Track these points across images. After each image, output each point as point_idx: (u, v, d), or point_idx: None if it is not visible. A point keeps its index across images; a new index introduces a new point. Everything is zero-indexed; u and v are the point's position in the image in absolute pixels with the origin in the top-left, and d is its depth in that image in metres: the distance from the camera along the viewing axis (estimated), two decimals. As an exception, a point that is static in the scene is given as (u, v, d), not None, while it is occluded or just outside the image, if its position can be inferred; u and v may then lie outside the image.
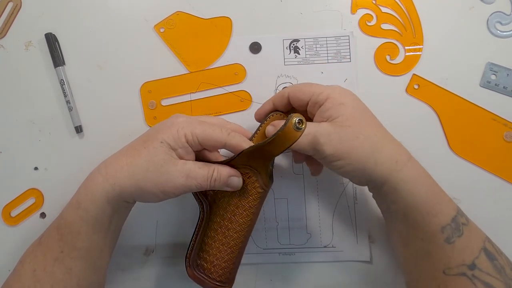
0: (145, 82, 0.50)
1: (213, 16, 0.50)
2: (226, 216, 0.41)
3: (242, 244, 0.41)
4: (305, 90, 0.41)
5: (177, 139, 0.38)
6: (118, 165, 0.39)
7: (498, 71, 0.48)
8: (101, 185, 0.38)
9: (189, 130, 0.38)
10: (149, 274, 0.49)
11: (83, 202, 0.39)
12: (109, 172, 0.39)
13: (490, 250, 0.38)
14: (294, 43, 0.49)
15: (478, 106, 0.48)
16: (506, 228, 0.47)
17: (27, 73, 0.50)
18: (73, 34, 0.50)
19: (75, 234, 0.39)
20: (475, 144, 0.47)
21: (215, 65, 0.50)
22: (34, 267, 0.39)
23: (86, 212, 0.38)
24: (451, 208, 0.39)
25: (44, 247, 0.40)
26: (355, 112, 0.39)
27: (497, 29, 0.48)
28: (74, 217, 0.39)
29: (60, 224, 0.40)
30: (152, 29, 0.50)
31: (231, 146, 0.39)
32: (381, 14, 0.49)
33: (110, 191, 0.38)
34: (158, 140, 0.38)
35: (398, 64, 0.49)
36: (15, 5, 0.50)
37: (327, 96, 0.39)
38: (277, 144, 0.37)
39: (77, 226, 0.39)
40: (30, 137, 0.50)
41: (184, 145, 0.38)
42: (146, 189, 0.38)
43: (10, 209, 0.49)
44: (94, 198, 0.38)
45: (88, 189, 0.39)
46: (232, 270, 0.41)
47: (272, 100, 0.43)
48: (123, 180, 0.38)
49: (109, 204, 0.39)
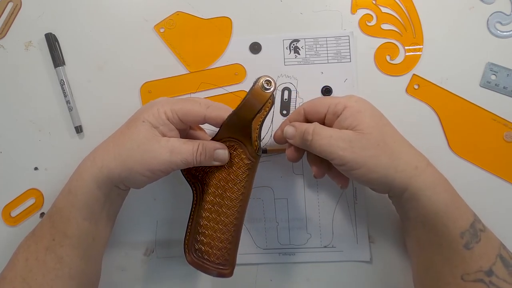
0: (145, 82, 0.50)
1: (213, 16, 0.50)
2: (217, 192, 0.41)
3: (236, 221, 0.41)
4: (321, 102, 0.41)
5: (157, 117, 0.39)
6: (105, 149, 0.40)
7: (498, 71, 0.48)
8: (90, 169, 0.39)
9: (168, 107, 0.39)
10: (149, 274, 0.49)
11: (73, 188, 0.39)
12: (96, 156, 0.40)
13: (505, 257, 0.38)
14: (294, 43, 0.49)
15: (478, 106, 0.48)
16: (506, 228, 0.47)
17: (27, 73, 0.50)
18: (73, 34, 0.50)
19: (65, 220, 0.39)
20: (475, 144, 0.47)
21: (215, 65, 0.50)
22: (26, 256, 0.40)
23: (76, 197, 0.39)
24: (469, 213, 0.39)
25: (37, 236, 0.40)
26: (374, 120, 0.39)
27: (497, 29, 0.48)
28: (64, 203, 0.39)
29: (52, 212, 0.40)
30: (152, 29, 0.50)
31: (211, 118, 0.39)
32: (381, 14, 0.49)
33: (98, 175, 0.39)
34: (140, 120, 0.39)
35: (398, 64, 0.49)
36: (15, 5, 0.50)
37: (345, 105, 0.39)
38: (249, 108, 0.39)
39: (67, 212, 0.39)
40: (30, 137, 0.50)
41: (165, 122, 0.39)
42: (133, 169, 0.38)
43: (10, 209, 0.49)
44: (83, 183, 0.39)
45: (77, 175, 0.40)
46: (230, 251, 0.41)
47: (289, 119, 0.44)
48: (110, 162, 0.39)
49: (99, 190, 0.39)
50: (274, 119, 0.49)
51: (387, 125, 0.40)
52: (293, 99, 0.49)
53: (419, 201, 0.38)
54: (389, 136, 0.39)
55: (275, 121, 0.49)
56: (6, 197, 0.49)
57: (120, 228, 0.48)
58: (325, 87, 0.49)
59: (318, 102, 0.41)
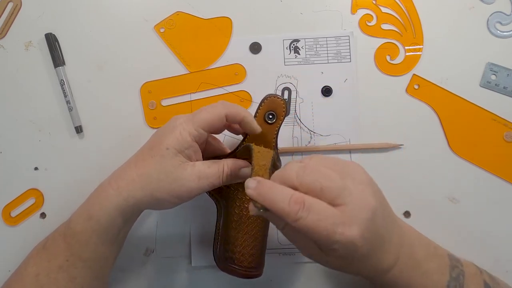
0: (145, 82, 0.50)
1: (213, 16, 0.50)
2: (243, 206, 0.41)
3: (265, 229, 0.42)
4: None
5: (181, 141, 0.38)
6: (129, 177, 0.39)
7: (498, 71, 0.48)
8: (114, 198, 0.38)
9: (191, 126, 0.38)
10: (149, 274, 0.49)
11: (95, 215, 0.38)
12: (120, 185, 0.38)
13: (488, 284, 0.39)
14: (294, 43, 0.49)
15: (478, 106, 0.48)
16: (506, 228, 0.47)
17: (27, 73, 0.50)
18: (73, 34, 0.50)
19: (83, 244, 0.38)
20: (475, 144, 0.47)
21: (215, 65, 0.50)
22: (37, 271, 0.39)
23: (98, 224, 0.38)
24: (444, 266, 0.38)
25: (49, 253, 0.40)
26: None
27: (497, 29, 0.48)
28: (83, 228, 0.39)
29: (67, 233, 0.39)
30: (152, 29, 0.50)
31: (231, 115, 0.39)
32: (381, 14, 0.49)
33: (123, 204, 0.38)
34: (164, 146, 0.38)
35: (398, 64, 0.49)
36: (15, 5, 0.50)
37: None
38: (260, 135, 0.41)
39: (86, 236, 0.38)
40: (30, 137, 0.49)
41: (190, 144, 0.38)
42: (161, 198, 0.38)
43: (10, 209, 0.49)
44: (106, 212, 0.38)
45: (100, 202, 0.39)
46: (260, 255, 0.43)
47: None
48: (137, 193, 0.38)
49: (122, 216, 0.39)
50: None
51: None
52: (293, 99, 0.49)
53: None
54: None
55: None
56: (6, 197, 0.49)
57: (120, 228, 0.48)
58: (325, 87, 0.49)
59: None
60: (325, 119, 0.49)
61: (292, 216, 0.31)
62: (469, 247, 0.47)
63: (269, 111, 0.41)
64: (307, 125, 0.49)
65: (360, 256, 0.33)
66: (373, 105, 0.49)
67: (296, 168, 0.33)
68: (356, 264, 0.35)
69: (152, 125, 0.49)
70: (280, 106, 0.41)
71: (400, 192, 0.48)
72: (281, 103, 0.41)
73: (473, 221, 0.47)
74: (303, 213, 0.31)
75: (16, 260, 0.45)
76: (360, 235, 0.32)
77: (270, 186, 0.32)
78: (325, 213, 0.31)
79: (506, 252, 0.47)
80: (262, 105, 0.42)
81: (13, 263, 0.46)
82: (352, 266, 0.35)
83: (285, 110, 0.41)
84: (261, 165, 0.36)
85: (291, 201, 0.31)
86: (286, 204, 0.31)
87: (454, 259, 0.40)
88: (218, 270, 0.47)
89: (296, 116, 0.49)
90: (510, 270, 0.46)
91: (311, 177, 0.33)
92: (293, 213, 0.31)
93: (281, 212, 0.31)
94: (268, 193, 0.32)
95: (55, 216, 0.49)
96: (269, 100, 0.41)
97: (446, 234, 0.47)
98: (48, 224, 0.49)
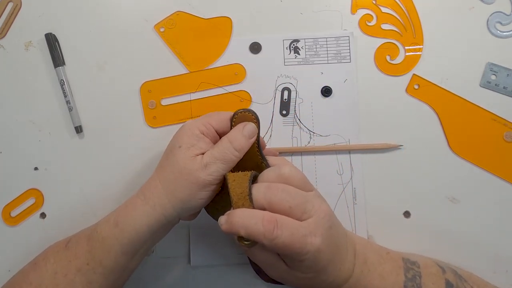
0: (145, 82, 0.50)
1: (213, 16, 0.50)
2: None
3: None
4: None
5: (190, 135, 0.39)
6: (152, 186, 0.39)
7: (498, 71, 0.48)
8: (141, 207, 0.38)
9: (200, 122, 0.39)
10: (149, 274, 0.49)
11: (121, 222, 0.38)
12: (146, 195, 0.39)
13: (449, 281, 0.40)
14: (294, 43, 0.49)
15: (478, 106, 0.48)
16: (506, 228, 0.47)
17: (27, 73, 0.50)
18: (73, 34, 0.50)
19: (105, 251, 0.38)
20: (475, 144, 0.47)
21: (215, 65, 0.50)
22: (56, 269, 0.39)
23: (122, 233, 0.38)
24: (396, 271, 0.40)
25: (71, 253, 0.40)
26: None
27: (497, 29, 0.48)
28: (109, 234, 0.39)
29: (93, 236, 0.39)
30: (152, 29, 0.50)
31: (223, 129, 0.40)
32: (381, 14, 0.49)
33: (151, 213, 0.38)
34: (176, 146, 0.39)
35: (398, 64, 0.49)
36: (15, 5, 0.50)
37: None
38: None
39: (109, 243, 0.38)
40: (30, 137, 0.50)
41: (200, 137, 0.39)
42: (184, 198, 0.38)
43: (10, 209, 0.49)
44: (133, 221, 0.38)
45: (127, 211, 0.39)
46: None
47: None
48: (161, 198, 0.38)
49: (148, 228, 0.38)
50: (274, 119, 0.49)
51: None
52: (293, 99, 0.49)
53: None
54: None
55: (274, 121, 0.49)
56: (6, 197, 0.49)
57: (120, 228, 0.48)
58: (325, 87, 0.49)
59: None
60: (324, 119, 0.49)
61: (268, 236, 0.32)
62: (469, 247, 0.47)
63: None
64: (306, 125, 0.49)
65: (323, 265, 0.35)
66: (373, 105, 0.49)
67: (262, 189, 0.35)
68: (319, 276, 0.36)
69: (152, 125, 0.49)
70: (251, 119, 0.40)
71: (400, 192, 0.48)
72: (251, 117, 0.40)
73: (473, 221, 0.47)
74: (278, 231, 0.32)
75: (16, 260, 0.46)
76: (323, 243, 0.34)
77: (240, 214, 0.33)
78: (296, 227, 0.33)
79: (506, 252, 0.47)
80: (233, 124, 0.40)
81: (13, 263, 0.46)
82: (316, 279, 0.36)
83: (257, 122, 0.40)
84: (239, 194, 0.35)
85: (264, 222, 0.32)
86: (260, 225, 0.32)
87: (409, 261, 0.41)
88: (217, 270, 0.47)
89: (295, 116, 0.49)
90: (510, 270, 0.46)
91: (278, 197, 0.34)
92: (268, 233, 0.32)
93: (256, 234, 0.32)
94: (239, 221, 0.33)
95: (55, 216, 0.49)
96: (239, 116, 0.40)
97: (446, 234, 0.47)
98: (48, 224, 0.49)
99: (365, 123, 0.48)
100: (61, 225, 0.49)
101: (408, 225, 0.47)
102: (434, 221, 0.47)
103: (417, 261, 0.41)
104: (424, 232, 0.47)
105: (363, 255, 0.40)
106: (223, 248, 0.48)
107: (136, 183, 0.49)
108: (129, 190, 0.49)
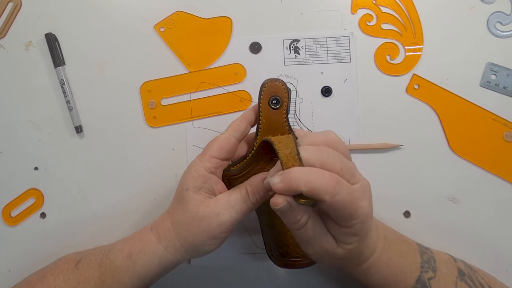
0: (145, 82, 0.50)
1: (213, 16, 0.50)
2: None
3: None
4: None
5: (197, 177, 0.38)
6: (165, 226, 0.39)
7: (498, 71, 0.48)
8: (155, 245, 0.39)
9: (203, 159, 0.38)
10: (149, 274, 0.49)
11: (135, 255, 0.39)
12: (160, 234, 0.39)
13: (462, 270, 0.40)
14: (294, 43, 0.49)
15: (478, 106, 0.48)
16: (506, 228, 0.47)
17: (27, 73, 0.50)
18: (73, 34, 0.50)
19: (115, 280, 0.39)
20: (475, 144, 0.47)
21: (215, 65, 0.50)
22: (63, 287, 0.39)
23: (134, 267, 0.38)
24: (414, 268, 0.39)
25: (81, 275, 0.40)
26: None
27: (497, 29, 0.48)
28: (121, 264, 0.39)
29: (105, 263, 0.40)
30: (152, 29, 0.50)
31: (238, 129, 0.39)
32: (381, 14, 0.49)
33: (163, 253, 0.38)
34: (184, 189, 0.38)
35: (398, 64, 0.49)
36: (15, 5, 0.50)
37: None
38: (267, 127, 0.40)
39: (120, 274, 0.39)
40: (30, 137, 0.50)
41: (207, 177, 0.38)
42: (195, 243, 0.38)
43: (10, 209, 0.49)
44: (145, 257, 0.38)
45: (142, 245, 0.39)
46: None
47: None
48: (173, 241, 0.38)
49: (159, 266, 0.39)
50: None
51: None
52: (293, 99, 0.49)
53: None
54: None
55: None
56: (6, 197, 0.49)
57: (120, 228, 0.48)
58: (325, 87, 0.49)
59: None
60: (325, 119, 0.49)
61: (331, 191, 0.30)
62: (469, 247, 0.47)
63: (272, 97, 0.40)
64: (306, 125, 0.49)
65: (366, 232, 0.34)
66: (373, 105, 0.49)
67: (312, 150, 0.32)
68: (359, 247, 0.35)
69: (152, 125, 0.49)
70: (281, 89, 0.40)
71: (400, 192, 0.48)
72: (281, 85, 0.40)
73: (473, 221, 0.47)
74: (339, 187, 0.30)
75: (16, 260, 0.45)
76: (370, 208, 0.34)
77: (299, 170, 0.30)
78: (351, 188, 0.32)
79: (506, 252, 0.47)
80: (262, 93, 0.40)
81: (13, 263, 0.46)
82: (355, 250, 0.35)
83: (286, 91, 0.40)
84: (287, 154, 0.32)
85: (327, 176, 0.30)
86: (323, 180, 0.30)
87: (422, 246, 0.41)
88: (217, 270, 0.47)
89: (296, 116, 0.49)
90: (510, 270, 0.46)
91: (330, 158, 0.32)
92: (331, 188, 0.30)
93: (319, 189, 0.30)
94: (300, 178, 0.30)
95: (55, 216, 0.49)
96: (268, 85, 0.40)
97: (446, 234, 0.47)
98: (48, 224, 0.49)
99: (365, 123, 0.48)
100: (61, 225, 0.49)
101: (408, 225, 0.47)
102: (434, 221, 0.47)
103: (430, 248, 0.42)
104: (424, 232, 0.47)
105: (383, 231, 0.40)
106: (223, 248, 0.48)
107: (136, 183, 0.49)
108: (129, 190, 0.49)
